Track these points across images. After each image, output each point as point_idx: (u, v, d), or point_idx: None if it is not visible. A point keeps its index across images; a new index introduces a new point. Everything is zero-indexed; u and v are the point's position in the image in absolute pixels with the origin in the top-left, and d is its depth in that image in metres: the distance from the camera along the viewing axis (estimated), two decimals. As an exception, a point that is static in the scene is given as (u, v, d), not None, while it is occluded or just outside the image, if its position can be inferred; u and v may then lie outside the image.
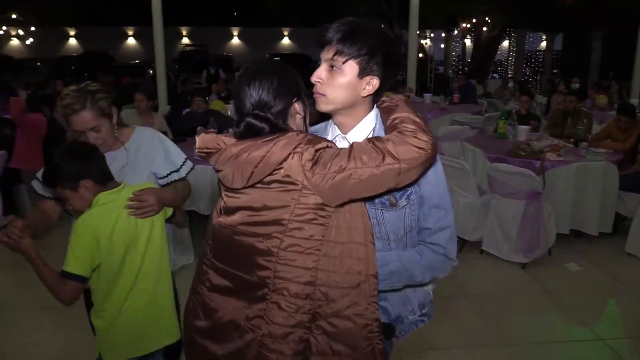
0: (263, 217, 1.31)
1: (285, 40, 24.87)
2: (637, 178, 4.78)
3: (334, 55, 1.36)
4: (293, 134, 1.31)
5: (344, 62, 1.36)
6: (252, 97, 1.34)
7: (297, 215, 1.29)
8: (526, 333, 3.36)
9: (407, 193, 1.43)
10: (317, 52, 1.42)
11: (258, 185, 1.31)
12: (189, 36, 24.27)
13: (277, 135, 1.30)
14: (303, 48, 22.44)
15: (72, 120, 1.92)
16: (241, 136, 1.34)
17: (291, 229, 1.29)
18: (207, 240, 1.46)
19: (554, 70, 22.58)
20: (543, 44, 23.90)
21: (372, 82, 1.39)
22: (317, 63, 1.42)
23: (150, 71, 14.95)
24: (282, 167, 1.27)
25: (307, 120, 1.45)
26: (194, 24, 24.17)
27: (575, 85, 10.69)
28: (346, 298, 1.32)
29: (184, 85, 10.33)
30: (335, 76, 1.38)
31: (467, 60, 21.64)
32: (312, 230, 1.30)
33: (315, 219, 1.29)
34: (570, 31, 20.64)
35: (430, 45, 20.11)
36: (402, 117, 1.34)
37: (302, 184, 1.27)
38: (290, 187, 1.28)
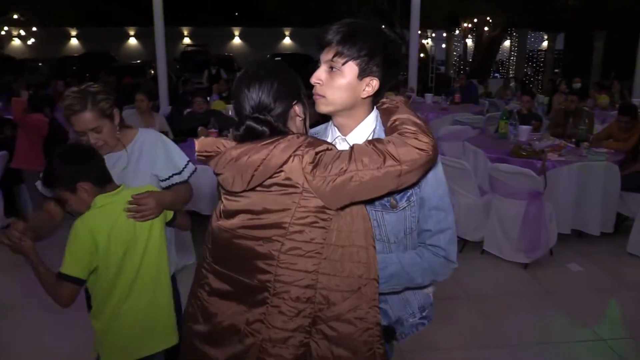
0: (263, 221, 1.31)
1: (286, 40, 24.86)
2: (638, 178, 4.77)
3: (334, 56, 1.35)
4: (293, 136, 1.30)
5: (344, 64, 1.35)
6: (252, 100, 1.33)
7: (297, 219, 1.28)
8: (527, 333, 3.36)
9: (407, 195, 1.42)
10: (318, 52, 1.41)
11: (258, 189, 1.30)
12: (190, 36, 24.26)
13: (277, 138, 1.29)
14: (304, 48, 22.42)
15: (73, 121, 1.92)
16: (241, 139, 1.33)
17: (292, 232, 1.28)
18: (207, 244, 1.45)
19: (555, 70, 22.52)
20: (544, 44, 23.86)
21: (372, 83, 1.39)
22: (318, 64, 1.42)
23: (152, 71, 14.96)
24: (282, 170, 1.26)
25: (307, 122, 1.44)
26: (195, 24, 24.17)
27: (577, 85, 10.66)
28: (347, 301, 1.31)
29: (185, 86, 10.33)
30: (335, 77, 1.37)
31: (468, 60, 21.62)
32: (313, 233, 1.29)
33: (316, 222, 1.29)
34: (572, 31, 20.60)
35: (431, 45, 20.09)
36: (403, 119, 1.33)
37: (302, 186, 1.26)
38: (291, 190, 1.27)
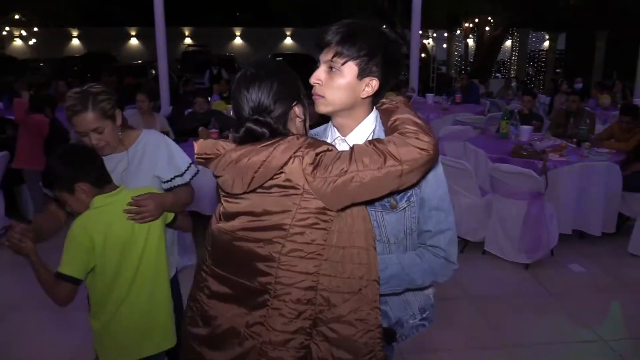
0: (264, 222, 1.30)
1: (287, 40, 24.85)
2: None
3: (333, 56, 1.35)
4: (293, 137, 1.30)
5: (343, 64, 1.35)
6: (251, 101, 1.32)
7: (298, 220, 1.27)
8: (528, 334, 3.35)
9: (407, 195, 1.41)
10: (317, 52, 1.41)
11: (258, 190, 1.29)
12: (192, 36, 24.26)
13: (277, 140, 1.28)
14: (305, 48, 22.41)
15: (74, 122, 1.92)
16: (241, 142, 1.32)
17: (292, 234, 1.28)
18: (206, 246, 1.44)
19: (557, 70, 22.51)
20: (546, 44, 23.84)
21: (372, 84, 1.38)
22: (317, 64, 1.41)
23: (153, 71, 14.97)
24: (283, 172, 1.26)
25: (306, 123, 1.43)
26: (196, 24, 24.18)
27: (578, 85, 10.66)
28: (348, 303, 1.31)
29: (186, 86, 10.33)
30: (335, 77, 1.36)
31: (469, 60, 21.60)
32: (314, 234, 1.28)
33: (317, 223, 1.28)
34: (573, 30, 20.59)
35: (432, 45, 20.09)
36: (403, 119, 1.32)
37: (303, 188, 1.26)
38: (292, 191, 1.26)
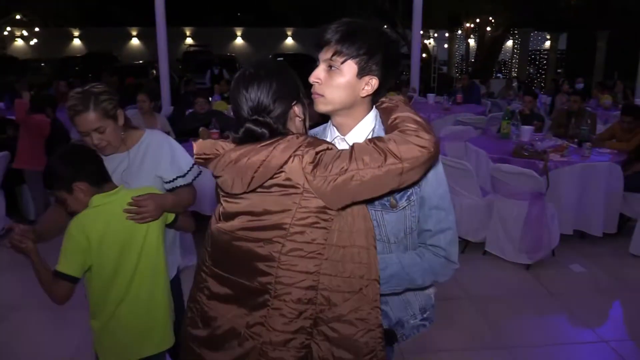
0: (264, 222, 1.29)
1: (288, 41, 24.85)
2: (641, 178, 4.76)
3: (333, 55, 1.34)
4: (293, 137, 1.29)
5: (343, 62, 1.34)
6: (250, 100, 1.32)
7: (298, 219, 1.27)
8: (529, 334, 3.34)
9: (407, 194, 1.41)
10: (317, 51, 1.40)
11: (258, 190, 1.29)
12: (193, 36, 24.27)
13: (277, 139, 1.28)
14: (306, 48, 22.42)
15: (76, 122, 1.93)
16: (240, 142, 1.32)
17: (292, 233, 1.27)
18: (206, 247, 1.44)
19: (558, 70, 22.50)
20: (547, 44, 23.82)
21: (371, 82, 1.38)
22: (317, 63, 1.41)
23: (154, 71, 14.98)
24: (283, 171, 1.25)
25: (306, 123, 1.43)
26: (197, 24, 24.19)
27: (580, 85, 10.64)
28: (348, 302, 1.30)
29: (187, 86, 10.33)
30: (334, 76, 1.36)
31: (470, 60, 21.59)
32: (314, 234, 1.28)
33: (317, 222, 1.27)
34: (574, 30, 20.57)
35: (433, 45, 20.08)
36: (403, 117, 1.31)
37: (303, 187, 1.25)
38: (291, 190, 1.26)
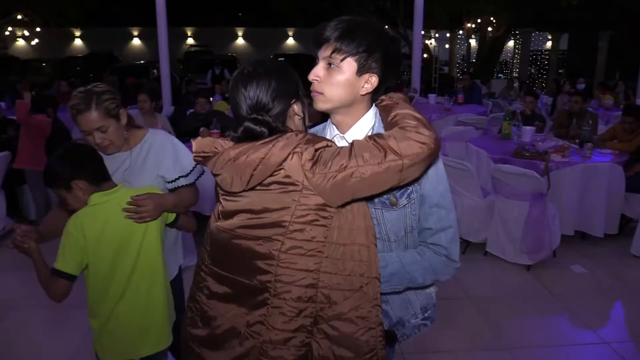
0: (263, 220, 1.29)
1: (290, 41, 24.87)
2: (643, 179, 4.75)
3: (332, 53, 1.34)
4: (292, 134, 1.28)
5: (342, 60, 1.34)
6: (249, 99, 1.31)
7: (298, 217, 1.26)
8: (530, 335, 3.33)
9: (407, 192, 1.40)
10: (316, 49, 1.39)
11: (258, 188, 1.28)
12: (194, 36, 24.30)
13: (276, 136, 1.27)
14: (308, 48, 22.43)
15: (78, 120, 1.94)
16: (239, 141, 1.31)
17: (292, 231, 1.26)
18: (205, 246, 1.43)
19: (559, 70, 22.48)
20: (548, 44, 23.80)
21: (371, 80, 1.37)
22: (316, 61, 1.40)
23: (155, 71, 15.00)
24: (282, 168, 1.25)
25: (306, 121, 1.42)
26: (198, 24, 24.20)
27: (581, 85, 10.63)
28: (348, 300, 1.29)
29: (188, 86, 10.34)
30: (333, 74, 1.35)
31: (472, 61, 21.58)
32: (314, 231, 1.27)
33: (317, 220, 1.27)
34: (576, 31, 20.55)
35: (435, 45, 20.06)
36: (403, 114, 1.31)
37: (302, 184, 1.24)
38: (291, 187, 1.25)
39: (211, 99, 7.53)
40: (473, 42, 21.67)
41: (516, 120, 5.68)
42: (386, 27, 1.42)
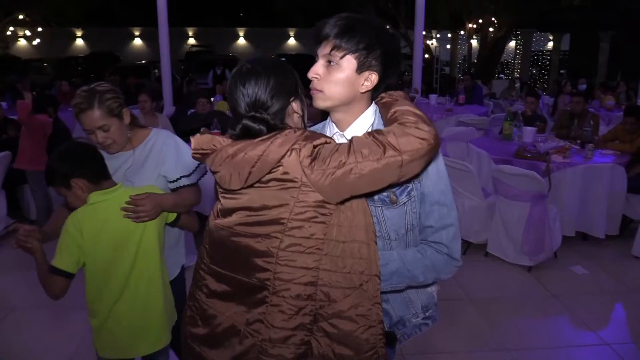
0: (262, 217, 1.28)
1: (291, 41, 24.88)
2: (644, 180, 4.74)
3: (332, 50, 1.33)
4: (290, 131, 1.28)
5: (342, 57, 1.33)
6: (248, 96, 1.30)
7: (296, 214, 1.25)
8: (531, 337, 3.33)
9: (407, 189, 1.39)
10: (315, 47, 1.38)
11: (256, 185, 1.28)
12: (195, 36, 24.31)
13: (274, 133, 1.26)
14: (309, 49, 22.42)
15: (81, 119, 1.95)
16: (237, 139, 1.31)
17: (291, 228, 1.26)
18: (204, 244, 1.42)
19: (561, 71, 22.46)
20: (550, 44, 23.79)
21: (371, 78, 1.36)
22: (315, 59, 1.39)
23: (156, 71, 15.01)
24: (280, 165, 1.24)
25: (305, 119, 1.41)
26: (200, 24, 24.21)
27: (582, 86, 10.61)
28: (348, 298, 1.28)
29: (189, 86, 10.35)
30: (333, 72, 1.35)
31: (473, 61, 21.57)
32: (313, 228, 1.26)
33: (316, 217, 1.26)
34: (577, 31, 20.53)
35: (436, 45, 20.06)
36: (402, 110, 1.30)
37: (300, 181, 1.23)
38: (289, 184, 1.24)
39: (212, 99, 7.53)
40: (474, 42, 21.67)
41: (517, 121, 5.67)
42: (387, 27, 1.41)
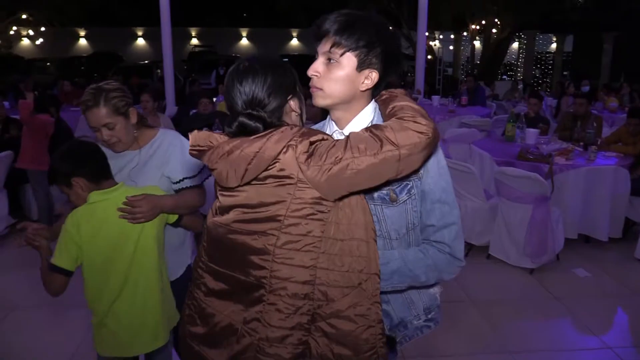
0: (259, 214, 1.27)
1: (294, 41, 24.88)
2: (648, 182, 4.71)
3: (331, 47, 1.32)
4: (287, 127, 1.26)
5: (342, 55, 1.31)
6: (245, 94, 1.29)
7: (293, 211, 1.23)
8: (533, 339, 3.31)
9: (407, 187, 1.37)
10: (315, 44, 1.37)
11: (253, 182, 1.26)
12: (198, 37, 24.33)
13: (271, 130, 1.25)
14: (312, 49, 22.35)
15: (87, 116, 1.96)
16: (233, 136, 1.30)
17: (287, 225, 1.24)
18: (203, 242, 1.42)
19: (564, 72, 22.42)
20: (553, 46, 23.75)
21: (371, 76, 1.35)
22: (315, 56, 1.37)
23: (159, 71, 15.02)
24: (277, 162, 1.23)
25: (303, 117, 1.40)
26: (203, 24, 24.23)
27: (586, 87, 10.59)
28: (346, 298, 1.27)
29: (192, 86, 10.34)
30: (333, 69, 1.33)
31: (476, 62, 21.54)
32: (310, 226, 1.24)
33: (313, 214, 1.24)
34: (580, 32, 20.49)
35: (439, 47, 20.05)
36: (401, 105, 1.29)
37: (297, 177, 1.22)
38: (286, 181, 1.23)
39: (215, 99, 7.53)
40: (477, 43, 21.64)
41: (520, 123, 5.65)
42: (390, 28, 1.40)
